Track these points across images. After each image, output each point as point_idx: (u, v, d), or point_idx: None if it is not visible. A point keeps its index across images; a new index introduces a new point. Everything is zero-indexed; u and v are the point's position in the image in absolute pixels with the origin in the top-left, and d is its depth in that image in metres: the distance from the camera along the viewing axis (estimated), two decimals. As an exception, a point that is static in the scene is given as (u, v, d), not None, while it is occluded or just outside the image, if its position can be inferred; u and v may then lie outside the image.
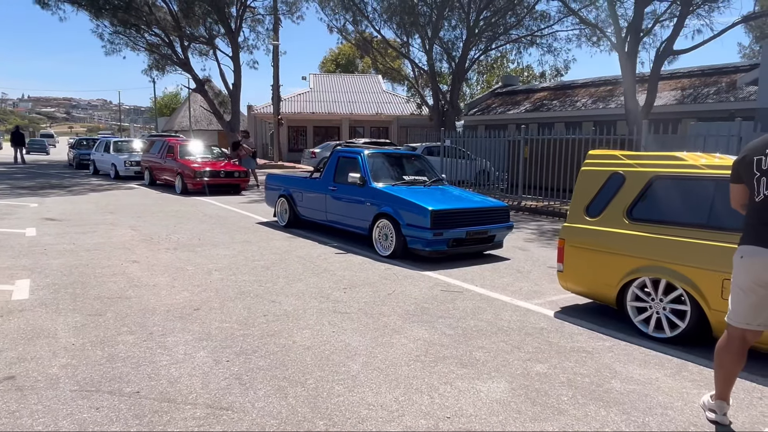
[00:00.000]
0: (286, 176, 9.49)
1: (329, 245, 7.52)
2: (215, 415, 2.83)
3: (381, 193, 7.05)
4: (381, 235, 6.96)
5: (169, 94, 64.26)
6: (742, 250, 2.74)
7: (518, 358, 3.67)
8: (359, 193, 7.36)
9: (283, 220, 9.05)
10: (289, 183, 9.06)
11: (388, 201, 6.87)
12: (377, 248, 7.00)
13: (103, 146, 19.90)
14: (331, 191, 7.91)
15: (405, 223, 6.56)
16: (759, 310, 2.71)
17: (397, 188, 7.17)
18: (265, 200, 9.78)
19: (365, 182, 7.30)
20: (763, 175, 2.66)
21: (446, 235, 6.42)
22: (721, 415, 2.85)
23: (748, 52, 34.12)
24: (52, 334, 3.93)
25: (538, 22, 21.24)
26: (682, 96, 17.13)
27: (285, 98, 31.58)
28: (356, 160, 7.65)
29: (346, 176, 7.57)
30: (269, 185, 9.59)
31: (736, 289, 2.77)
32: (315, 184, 8.37)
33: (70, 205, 11.18)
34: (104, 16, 22.27)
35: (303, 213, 8.67)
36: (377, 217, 6.99)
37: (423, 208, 6.39)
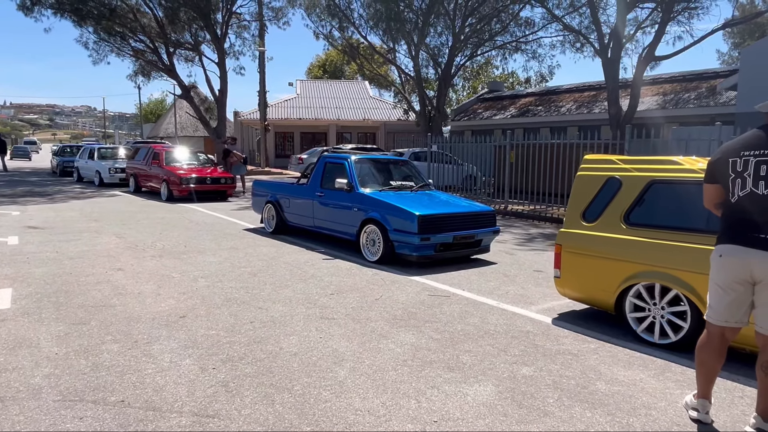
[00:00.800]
0: (272, 182, 9.40)
1: (316, 251, 7.51)
2: (201, 423, 2.81)
3: (368, 198, 7.05)
4: (368, 241, 6.95)
5: (154, 100, 63.83)
6: (719, 249, 2.80)
7: (505, 362, 3.70)
8: (347, 198, 7.35)
9: (270, 226, 8.99)
10: (276, 189, 8.98)
11: (376, 206, 6.87)
12: (365, 254, 6.99)
13: (87, 153, 19.69)
14: (319, 197, 7.89)
15: (392, 229, 6.57)
16: (737, 308, 2.76)
17: (384, 194, 7.17)
18: (252, 206, 9.67)
19: (352, 188, 7.30)
20: (737, 177, 2.71)
21: (433, 240, 6.42)
22: (703, 413, 2.90)
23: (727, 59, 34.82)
24: (34, 343, 3.87)
25: (522, 29, 21.47)
26: (664, 101, 17.42)
27: (272, 104, 31.51)
28: (343, 166, 7.64)
29: (333, 182, 7.59)
30: (256, 191, 9.50)
31: (715, 287, 2.83)
32: (302, 190, 8.33)
33: (54, 213, 11.03)
34: (88, 24, 22.08)
35: (290, 219, 8.61)
36: (365, 223, 6.98)
37: (410, 213, 6.41)
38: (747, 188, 2.67)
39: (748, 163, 2.68)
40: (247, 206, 13.04)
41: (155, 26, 23.06)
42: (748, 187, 2.67)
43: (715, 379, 2.91)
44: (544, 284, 5.90)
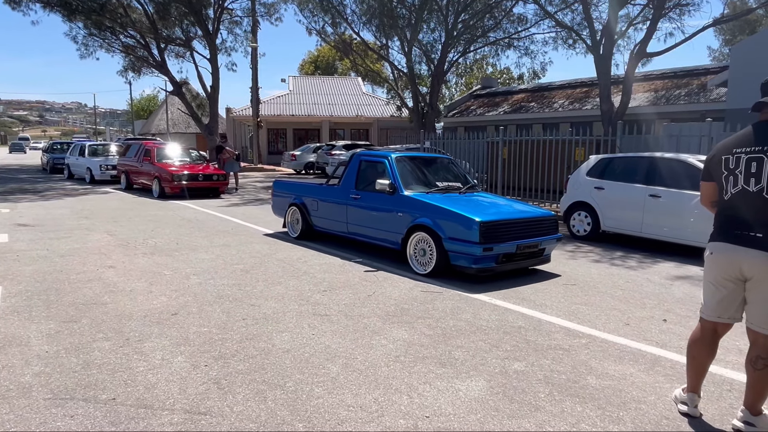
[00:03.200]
0: (297, 183, 8.52)
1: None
2: (193, 420, 2.81)
3: (415, 201, 6.23)
4: (417, 251, 6.13)
5: (146, 96, 63.38)
6: (711, 247, 2.82)
7: (496, 357, 3.72)
8: (388, 202, 6.54)
9: (294, 231, 8.21)
10: (302, 190, 8.16)
11: (425, 211, 6.07)
12: (413, 265, 6.15)
13: (78, 150, 19.53)
14: (354, 200, 7.07)
15: (447, 237, 5.74)
16: (729, 304, 2.79)
17: (432, 196, 6.37)
18: (272, 208, 8.93)
19: (395, 189, 6.48)
20: (730, 174, 2.73)
21: (496, 250, 5.60)
22: (692, 407, 2.93)
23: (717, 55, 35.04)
24: (24, 341, 3.84)
25: (515, 25, 21.50)
26: (655, 97, 17.52)
27: (264, 100, 31.38)
28: (383, 165, 6.83)
29: (370, 183, 6.83)
30: (277, 192, 8.70)
31: (707, 283, 2.86)
32: (333, 192, 7.49)
33: (44, 210, 10.95)
34: (77, 18, 21.87)
35: (318, 224, 7.82)
36: (412, 230, 6.17)
37: (470, 219, 5.59)
38: (738, 185, 2.69)
39: (739, 161, 2.70)
40: (239, 203, 12.99)
41: (146, 21, 22.88)
42: (740, 184, 2.69)
43: (705, 374, 2.95)
44: (536, 279, 5.92)
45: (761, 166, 2.62)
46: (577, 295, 5.32)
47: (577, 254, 7.48)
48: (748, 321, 2.77)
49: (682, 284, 5.92)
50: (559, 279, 6.02)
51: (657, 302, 5.18)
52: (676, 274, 6.42)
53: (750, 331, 2.77)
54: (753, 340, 2.76)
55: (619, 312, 4.83)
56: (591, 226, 8.52)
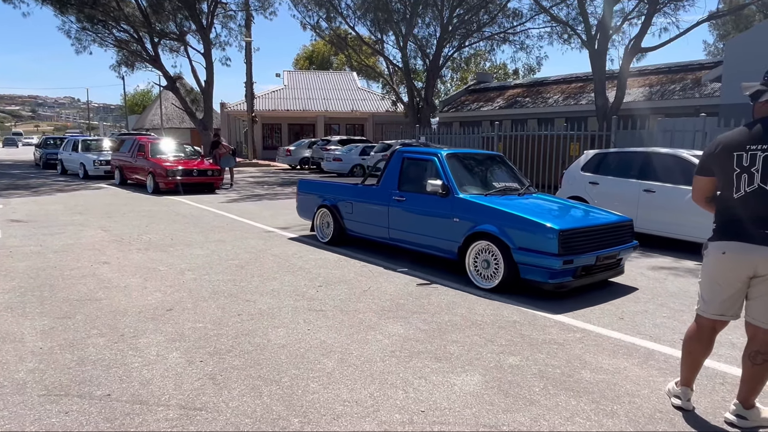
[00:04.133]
0: (327, 182, 7.81)
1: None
2: (188, 416, 2.80)
3: (475, 205, 5.51)
4: (480, 262, 5.39)
5: (140, 91, 62.98)
6: (722, 246, 2.71)
7: (491, 351, 3.73)
8: (441, 205, 5.80)
9: (324, 235, 7.49)
10: (334, 191, 7.43)
11: (489, 216, 5.32)
12: (473, 278, 5.42)
13: (71, 145, 19.40)
14: (397, 202, 6.34)
15: (517, 247, 5.02)
16: (733, 303, 2.75)
17: (492, 199, 5.63)
18: (297, 210, 8.17)
19: (449, 191, 5.74)
20: (744, 172, 2.62)
21: (576, 263, 4.89)
22: (685, 401, 2.95)
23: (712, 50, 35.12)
24: (18, 338, 3.83)
25: (510, 20, 21.50)
26: (650, 92, 17.56)
27: (259, 95, 31.26)
28: (432, 164, 6.09)
29: (417, 183, 6.18)
30: (304, 192, 7.99)
31: (712, 282, 2.77)
32: (371, 193, 6.75)
33: (37, 206, 10.88)
34: (70, 12, 21.69)
35: (353, 228, 7.09)
36: (472, 238, 5.43)
37: (547, 227, 4.85)
38: (755, 184, 2.58)
39: (755, 158, 2.58)
40: (234, 198, 12.95)
41: (139, 15, 22.72)
42: (756, 182, 2.58)
43: (699, 369, 2.95)
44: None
45: None
46: (571, 290, 5.34)
47: (572, 249, 7.50)
48: (750, 316, 2.74)
49: (676, 279, 5.96)
50: (554, 274, 6.04)
51: (651, 296, 5.21)
52: (670, 268, 6.45)
53: (750, 326, 2.75)
54: (752, 335, 2.74)
55: (613, 306, 4.85)
56: (585, 221, 8.53)
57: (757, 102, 2.70)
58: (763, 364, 2.69)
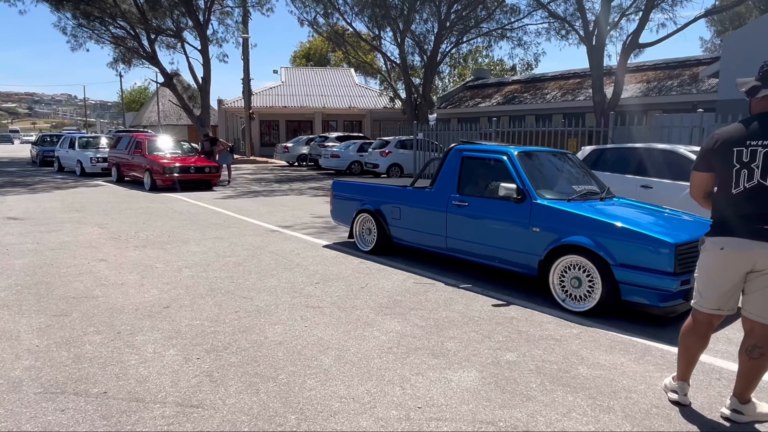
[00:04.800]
0: (369, 184, 6.89)
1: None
2: (185, 413, 2.80)
3: (559, 213, 4.71)
4: (569, 280, 4.60)
5: (137, 88, 62.79)
6: (720, 242, 2.70)
7: (488, 348, 3.73)
8: (514, 212, 5.03)
9: (364, 243, 6.78)
10: (377, 194, 6.62)
11: (578, 226, 4.54)
12: (559, 299, 4.65)
13: (68, 142, 19.35)
14: (457, 208, 5.57)
15: (618, 263, 4.28)
16: (731, 297, 2.75)
17: (577, 205, 4.82)
18: (332, 214, 7.43)
19: (526, 196, 4.96)
20: (743, 168, 2.60)
21: (692, 282, 4.08)
22: (682, 395, 2.95)
23: (709, 46, 35.13)
24: (14, 336, 3.82)
25: (508, 16, 21.47)
26: (647, 88, 17.56)
27: (256, 92, 31.18)
28: (501, 164, 5.29)
29: (482, 186, 5.45)
30: (340, 195, 7.21)
31: (710, 278, 2.76)
32: (424, 197, 5.99)
33: (34, 204, 10.85)
34: (65, 8, 21.58)
35: (400, 236, 6.35)
36: (558, 252, 4.66)
37: (658, 240, 4.11)
38: (754, 180, 2.57)
39: (756, 154, 2.57)
40: (231, 195, 12.93)
41: (136, 12, 22.62)
42: (756, 179, 2.57)
43: (695, 363, 2.96)
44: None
45: None
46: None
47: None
48: (747, 311, 2.73)
49: (672, 274, 5.95)
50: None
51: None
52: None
53: (747, 321, 2.74)
54: (749, 330, 2.74)
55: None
56: (583, 217, 8.54)
57: (753, 98, 2.69)
58: (760, 359, 2.69)
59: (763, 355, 2.69)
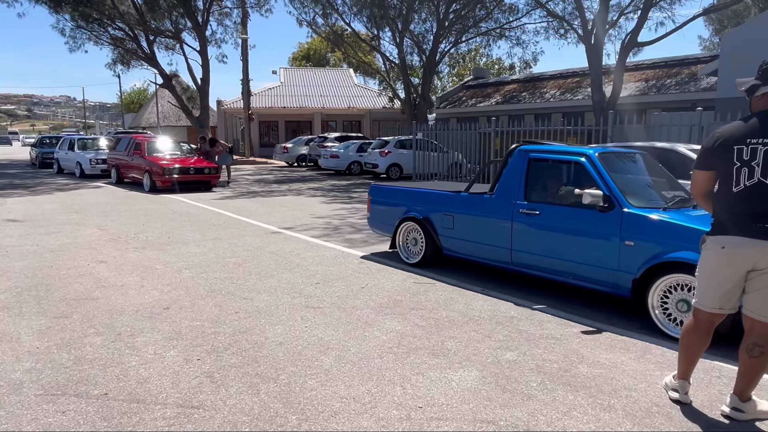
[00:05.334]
0: (415, 190, 6.17)
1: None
2: (186, 414, 2.80)
3: (658, 224, 4.05)
4: (674, 303, 3.95)
5: (136, 89, 62.78)
6: (721, 240, 2.69)
7: (489, 347, 3.74)
8: (599, 222, 4.38)
9: (409, 254, 6.13)
10: (426, 200, 5.92)
11: (686, 239, 3.85)
12: (662, 325, 4.01)
13: (68, 144, 19.35)
14: (525, 217, 4.92)
15: None
16: (732, 295, 2.74)
17: (678, 215, 4.14)
18: (370, 222, 6.76)
19: (614, 204, 4.30)
20: (744, 166, 2.60)
21: None
22: (683, 394, 2.95)
23: (708, 45, 35.14)
24: (15, 338, 3.82)
25: (506, 15, 21.50)
26: (646, 87, 17.56)
27: (255, 93, 31.18)
28: (580, 167, 4.68)
29: (554, 192, 4.88)
30: (380, 201, 6.53)
31: (711, 277, 2.76)
32: (483, 204, 5.34)
33: (33, 205, 10.84)
34: (64, 10, 21.58)
35: (452, 247, 5.69)
36: (659, 269, 4.00)
37: None
38: (755, 178, 2.57)
39: (756, 152, 2.56)
40: (231, 196, 12.93)
41: (134, 13, 22.62)
42: (756, 177, 2.57)
43: (696, 362, 2.95)
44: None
45: None
46: (570, 285, 5.33)
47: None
48: (748, 309, 2.73)
49: (672, 273, 5.95)
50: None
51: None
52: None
53: (747, 319, 2.74)
54: (750, 328, 2.73)
55: (609, 301, 4.86)
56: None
57: (753, 96, 2.69)
58: (760, 357, 2.69)
59: (764, 354, 2.68)
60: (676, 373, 3.03)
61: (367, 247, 7.04)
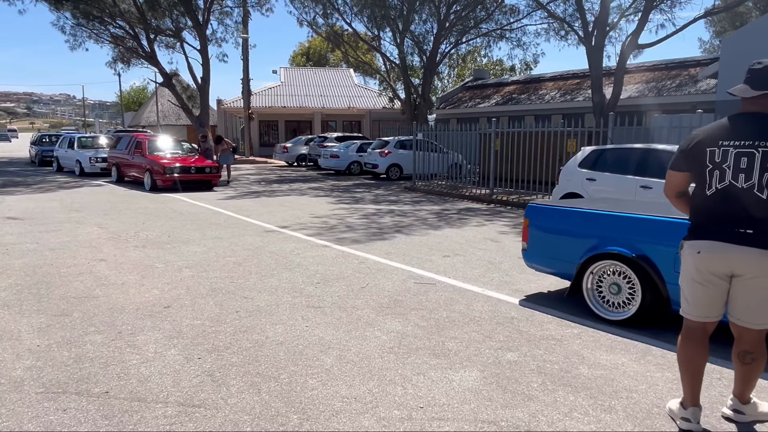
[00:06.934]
0: (614, 215, 4.34)
1: None
2: (187, 413, 2.80)
3: None
4: None
5: (136, 88, 62.73)
6: (696, 245, 2.64)
7: (490, 347, 3.74)
8: None
9: (608, 306, 4.35)
10: (640, 228, 4.16)
11: None
12: None
13: (67, 142, 19.32)
14: None
15: None
16: (716, 302, 2.67)
17: None
18: (526, 255, 5.05)
19: None
20: (716, 168, 2.56)
21: None
22: (695, 423, 2.70)
23: (708, 47, 35.17)
24: (15, 335, 3.81)
25: (507, 16, 21.51)
26: (646, 89, 17.57)
27: (255, 92, 31.16)
28: None
29: None
30: (547, 226, 4.84)
31: (693, 283, 2.69)
32: None
33: (33, 203, 10.83)
34: (65, 8, 21.55)
35: None
36: None
37: None
38: (726, 181, 2.54)
39: (727, 154, 2.53)
40: (231, 196, 12.92)
41: (135, 12, 22.58)
42: (727, 179, 2.53)
43: (701, 379, 2.75)
44: (528, 271, 5.95)
45: (752, 162, 2.47)
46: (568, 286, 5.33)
47: (569, 245, 7.51)
48: (734, 316, 2.67)
49: (672, 274, 5.96)
50: (552, 270, 6.04)
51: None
52: (667, 264, 6.46)
53: (735, 326, 2.69)
54: (739, 336, 2.70)
55: None
56: (583, 218, 8.55)
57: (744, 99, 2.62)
58: (753, 363, 2.68)
59: (755, 360, 2.68)
60: (682, 399, 2.80)
61: (365, 246, 7.04)
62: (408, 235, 8.06)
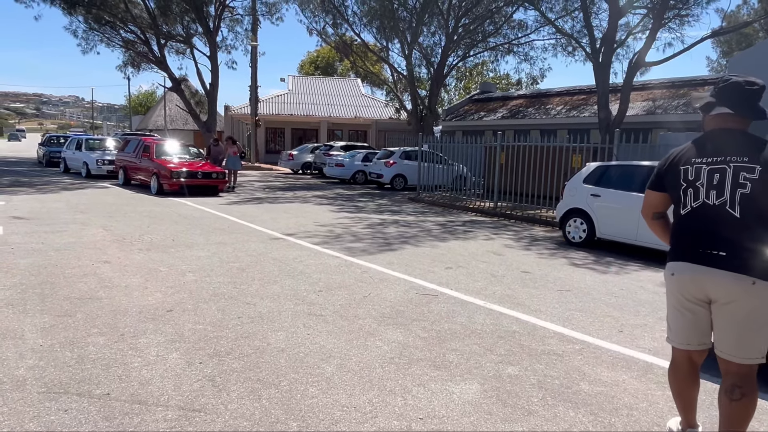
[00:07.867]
0: None
1: None
2: (187, 416, 2.81)
3: None
4: None
5: (144, 92, 63.23)
6: (671, 267, 2.56)
7: (490, 361, 3.73)
8: None
9: None
10: None
11: None
12: None
13: (75, 144, 19.46)
14: None
15: None
16: (697, 329, 2.53)
17: None
18: None
19: None
20: (689, 187, 2.49)
21: None
22: None
23: (716, 66, 35.27)
24: (18, 335, 3.84)
25: (515, 31, 21.64)
26: (653, 106, 17.60)
27: (263, 99, 31.36)
28: None
29: None
30: None
31: (671, 308, 2.61)
32: None
33: (39, 204, 10.90)
34: (78, 12, 21.83)
35: None
36: None
37: None
38: (700, 199, 2.46)
39: (700, 172, 2.46)
40: (237, 201, 12.97)
41: (146, 17, 22.86)
42: (701, 197, 2.45)
43: (695, 404, 2.73)
44: (531, 285, 5.95)
45: (724, 178, 2.39)
46: (571, 302, 5.34)
47: (572, 261, 7.52)
48: (718, 348, 2.49)
49: (675, 293, 5.94)
50: (554, 285, 6.04)
51: (651, 310, 5.21)
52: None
53: (721, 360, 2.49)
54: (725, 370, 2.48)
55: (612, 319, 4.85)
56: (586, 233, 8.57)
57: (707, 114, 2.57)
58: (742, 400, 2.41)
59: (745, 395, 2.42)
60: (680, 419, 2.80)
61: (368, 256, 7.05)
62: (411, 245, 8.08)
